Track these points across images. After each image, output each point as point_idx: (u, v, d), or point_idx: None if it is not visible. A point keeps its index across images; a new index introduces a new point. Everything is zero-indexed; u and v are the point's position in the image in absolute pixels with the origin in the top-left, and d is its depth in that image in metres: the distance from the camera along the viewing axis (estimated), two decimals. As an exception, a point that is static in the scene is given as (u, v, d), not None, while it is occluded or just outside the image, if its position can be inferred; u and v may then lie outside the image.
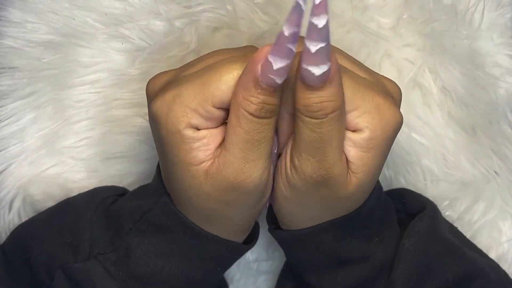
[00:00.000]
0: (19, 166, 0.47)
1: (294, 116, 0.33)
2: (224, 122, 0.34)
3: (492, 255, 0.46)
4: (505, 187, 0.48)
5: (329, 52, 0.30)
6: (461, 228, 0.46)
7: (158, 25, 0.46)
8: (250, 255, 0.50)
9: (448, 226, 0.44)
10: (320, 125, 0.32)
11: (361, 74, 0.35)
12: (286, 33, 0.29)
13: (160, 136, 0.34)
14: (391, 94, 0.36)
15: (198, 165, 0.33)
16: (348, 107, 0.33)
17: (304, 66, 0.30)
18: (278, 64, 0.30)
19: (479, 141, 0.47)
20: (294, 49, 0.30)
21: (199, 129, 0.33)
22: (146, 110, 0.45)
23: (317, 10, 0.29)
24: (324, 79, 0.31)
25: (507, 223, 0.48)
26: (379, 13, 0.46)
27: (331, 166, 0.33)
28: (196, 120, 0.33)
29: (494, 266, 0.43)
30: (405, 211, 0.43)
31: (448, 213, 0.48)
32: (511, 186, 0.48)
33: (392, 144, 0.35)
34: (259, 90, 0.31)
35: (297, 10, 0.28)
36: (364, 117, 0.33)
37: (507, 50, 0.46)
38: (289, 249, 0.40)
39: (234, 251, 0.39)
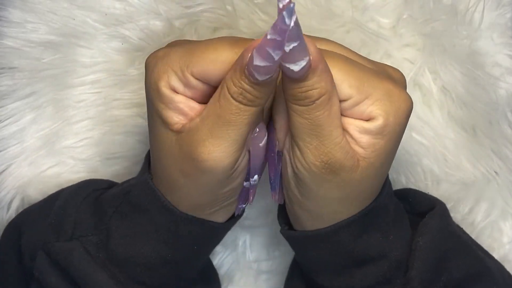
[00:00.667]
0: (19, 166, 0.47)
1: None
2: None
3: (495, 256, 0.46)
4: (505, 187, 0.48)
5: (305, 48, 0.30)
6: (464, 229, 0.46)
7: (158, 25, 0.46)
8: (250, 254, 0.50)
9: (457, 225, 0.44)
10: (309, 111, 0.32)
11: (366, 64, 0.35)
12: (268, 36, 0.29)
13: (146, 89, 0.35)
14: (396, 80, 0.36)
15: (171, 125, 0.34)
16: (359, 96, 0.33)
17: (283, 63, 0.31)
18: (257, 61, 0.30)
19: (479, 141, 0.47)
20: (274, 56, 0.30)
21: (177, 92, 0.34)
22: (146, 110, 0.46)
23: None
24: (304, 72, 0.31)
25: (508, 224, 0.48)
26: (379, 13, 0.46)
27: (331, 150, 0.33)
28: (174, 83, 0.34)
29: (499, 267, 0.43)
30: (412, 211, 0.43)
31: (452, 214, 0.48)
32: (511, 186, 0.48)
33: (404, 129, 0.35)
34: (242, 76, 0.32)
35: (281, 19, 0.29)
36: (376, 105, 0.33)
37: (507, 50, 0.45)
38: (304, 250, 0.40)
39: (210, 230, 0.39)
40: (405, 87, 0.37)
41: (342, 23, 0.47)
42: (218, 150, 0.33)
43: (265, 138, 0.36)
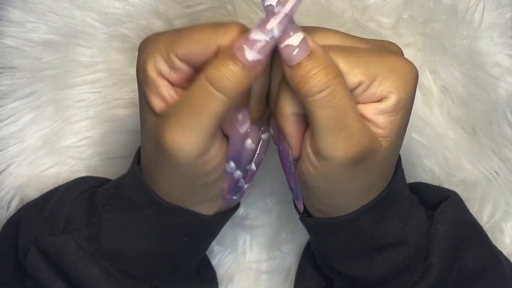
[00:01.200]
0: (18, 166, 0.47)
1: (300, 115, 0.33)
2: None
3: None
4: (506, 188, 0.47)
5: (295, 24, 0.31)
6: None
7: (158, 24, 0.46)
8: (250, 255, 0.50)
9: (471, 215, 0.44)
10: (331, 96, 0.32)
11: (362, 45, 0.35)
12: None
13: (136, 72, 0.36)
14: (394, 52, 0.36)
15: (153, 109, 0.34)
16: (367, 81, 0.33)
17: (282, 44, 0.31)
18: (256, 35, 0.31)
19: (479, 141, 0.47)
20: (277, 30, 0.31)
21: (163, 75, 0.34)
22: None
23: None
24: (306, 47, 0.31)
25: (509, 224, 0.48)
26: (379, 13, 0.46)
27: (360, 138, 0.33)
28: (160, 65, 0.34)
29: (508, 262, 0.43)
30: (423, 203, 0.42)
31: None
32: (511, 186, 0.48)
33: (414, 98, 0.35)
34: (226, 59, 0.32)
35: None
36: (385, 84, 0.33)
37: (507, 50, 0.46)
38: (324, 237, 0.39)
39: (199, 223, 0.38)
40: (402, 53, 0.37)
41: (342, 23, 0.47)
42: (182, 139, 0.33)
43: (247, 125, 0.35)
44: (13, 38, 0.46)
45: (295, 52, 0.31)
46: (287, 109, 0.34)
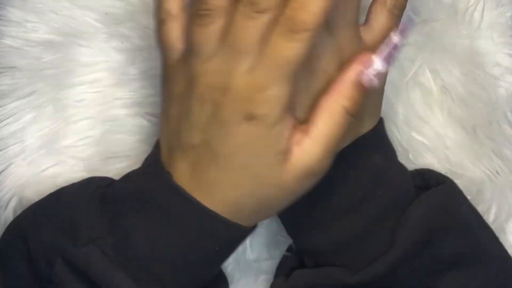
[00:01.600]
0: (18, 166, 0.47)
1: None
2: None
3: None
4: (506, 188, 0.47)
5: None
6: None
7: (158, 24, 0.46)
8: (250, 254, 0.50)
9: (468, 206, 0.44)
10: None
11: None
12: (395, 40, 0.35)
13: None
14: None
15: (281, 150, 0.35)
16: None
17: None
18: (379, 66, 0.35)
19: (480, 141, 0.47)
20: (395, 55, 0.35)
21: None
22: (147, 110, 0.46)
23: None
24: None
25: (511, 224, 0.48)
26: (379, 12, 0.46)
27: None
28: None
29: (504, 255, 0.43)
30: (425, 188, 0.42)
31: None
32: (512, 186, 0.48)
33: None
34: (359, 90, 0.35)
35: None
36: None
37: (507, 49, 0.46)
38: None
39: (235, 232, 0.38)
40: None
41: (342, 23, 0.47)
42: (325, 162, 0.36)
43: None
44: (13, 38, 0.46)
45: None
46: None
